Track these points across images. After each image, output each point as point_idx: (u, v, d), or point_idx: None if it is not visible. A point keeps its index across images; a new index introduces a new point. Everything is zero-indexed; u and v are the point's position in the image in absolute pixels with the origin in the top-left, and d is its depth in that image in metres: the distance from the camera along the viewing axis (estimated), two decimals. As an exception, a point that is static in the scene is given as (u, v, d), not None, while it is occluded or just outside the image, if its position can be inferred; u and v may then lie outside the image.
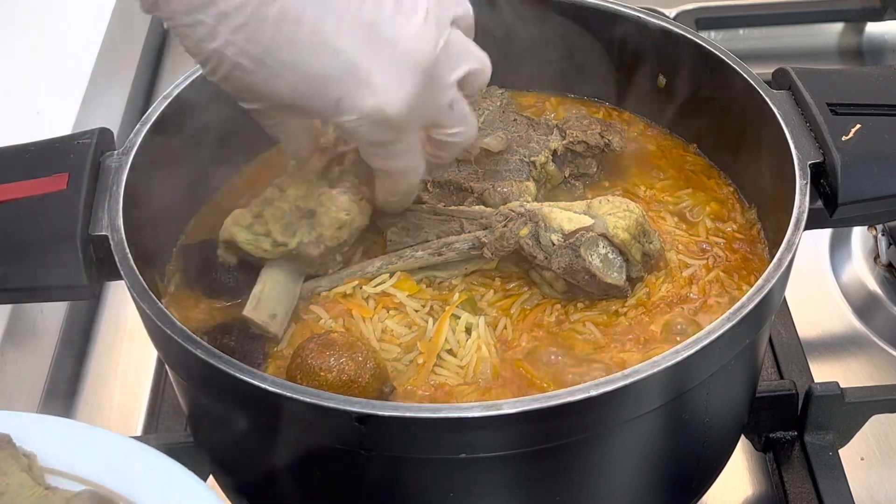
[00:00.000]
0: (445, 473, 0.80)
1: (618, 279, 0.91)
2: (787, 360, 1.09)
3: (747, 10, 1.62)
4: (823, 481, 0.98)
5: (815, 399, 1.00)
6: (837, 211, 0.91)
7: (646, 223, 0.92)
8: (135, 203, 0.90)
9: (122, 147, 0.94)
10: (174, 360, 0.85)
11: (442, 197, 1.00)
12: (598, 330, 0.91)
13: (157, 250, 0.98)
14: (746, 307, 0.79)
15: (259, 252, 0.91)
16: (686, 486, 0.95)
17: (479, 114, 1.06)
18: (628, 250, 0.91)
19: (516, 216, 0.93)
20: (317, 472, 0.84)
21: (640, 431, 0.82)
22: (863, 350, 1.18)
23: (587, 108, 1.14)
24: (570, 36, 1.11)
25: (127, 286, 0.84)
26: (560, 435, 0.77)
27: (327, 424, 0.75)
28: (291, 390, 0.75)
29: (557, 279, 0.92)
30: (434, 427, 0.74)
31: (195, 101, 0.99)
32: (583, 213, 0.92)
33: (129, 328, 1.24)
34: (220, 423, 0.89)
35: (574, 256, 0.90)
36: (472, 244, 0.93)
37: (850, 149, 0.91)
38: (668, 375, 0.76)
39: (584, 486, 0.84)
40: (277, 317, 0.91)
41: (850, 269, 1.25)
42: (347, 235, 0.93)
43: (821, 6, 1.61)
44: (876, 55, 1.63)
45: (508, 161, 1.01)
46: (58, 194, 0.89)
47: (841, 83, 0.98)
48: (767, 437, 1.03)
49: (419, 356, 0.89)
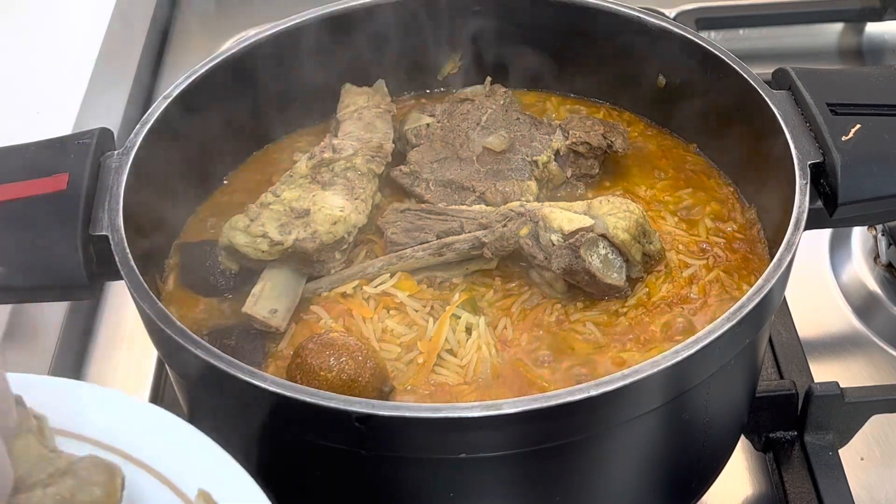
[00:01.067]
0: (445, 473, 0.80)
1: (618, 280, 0.91)
2: (787, 360, 1.09)
3: (747, 10, 1.62)
4: (823, 481, 0.98)
5: (815, 399, 1.00)
6: (837, 211, 0.91)
7: (646, 224, 0.92)
8: (135, 203, 0.90)
9: (122, 147, 0.94)
10: (174, 360, 0.85)
11: (443, 196, 1.00)
12: (598, 330, 0.91)
13: (157, 249, 0.98)
14: (746, 307, 0.79)
15: (258, 254, 0.92)
16: (686, 486, 0.95)
17: (482, 112, 1.06)
18: (628, 251, 0.91)
19: (516, 216, 0.93)
20: (317, 471, 0.84)
21: (640, 431, 0.82)
22: (863, 350, 1.18)
23: (587, 108, 1.14)
24: (571, 36, 1.11)
25: (127, 286, 0.84)
26: (560, 435, 0.77)
27: (327, 424, 0.75)
28: (291, 390, 0.75)
29: (557, 279, 0.92)
30: (434, 427, 0.74)
31: (195, 101, 1.00)
32: (583, 214, 0.91)
33: (129, 328, 1.24)
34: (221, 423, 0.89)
35: (574, 257, 0.90)
36: (472, 244, 0.93)
37: (850, 149, 0.91)
38: (668, 375, 0.76)
39: (584, 485, 0.84)
40: (279, 312, 0.91)
41: (850, 269, 1.25)
42: (344, 232, 0.93)
43: (821, 6, 1.61)
44: (876, 55, 1.63)
45: (511, 160, 1.01)
46: (58, 194, 0.89)
47: (841, 83, 0.98)
48: (767, 437, 1.03)
49: (419, 356, 0.89)
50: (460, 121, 1.06)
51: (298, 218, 0.93)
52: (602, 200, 0.93)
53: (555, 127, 1.04)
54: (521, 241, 0.92)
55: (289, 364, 0.86)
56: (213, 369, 0.77)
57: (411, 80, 1.16)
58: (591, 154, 1.03)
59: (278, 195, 0.95)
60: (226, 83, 1.03)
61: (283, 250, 0.92)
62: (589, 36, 1.10)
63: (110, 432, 0.79)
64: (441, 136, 1.05)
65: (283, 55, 1.06)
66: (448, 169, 1.01)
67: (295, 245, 0.91)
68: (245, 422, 0.82)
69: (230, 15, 1.70)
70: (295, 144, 1.11)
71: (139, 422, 0.80)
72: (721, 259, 0.97)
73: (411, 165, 1.02)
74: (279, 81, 1.07)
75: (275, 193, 0.96)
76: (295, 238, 0.91)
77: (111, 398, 0.83)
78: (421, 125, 1.06)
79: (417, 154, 1.03)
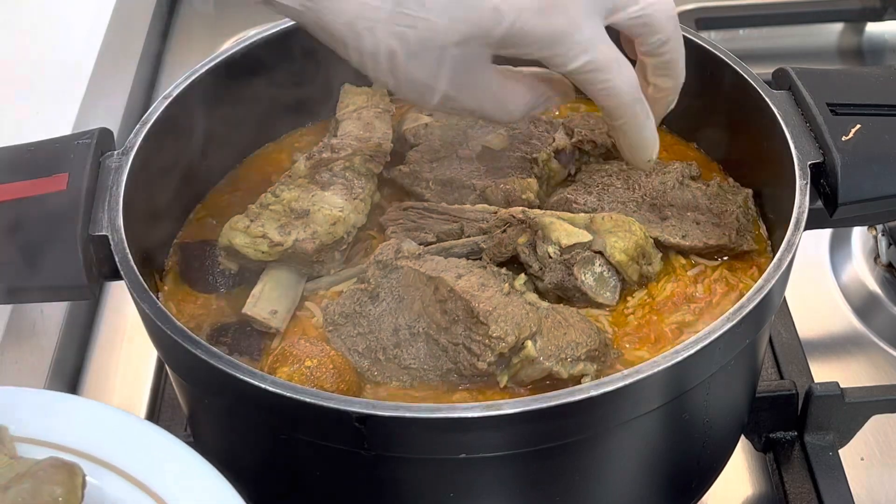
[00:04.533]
0: (445, 473, 0.80)
1: (610, 299, 0.90)
2: (787, 360, 1.09)
3: (747, 10, 1.62)
4: (823, 481, 0.98)
5: (815, 399, 1.00)
6: (837, 211, 0.91)
7: (647, 245, 0.92)
8: (135, 203, 0.90)
9: (122, 147, 0.94)
10: (174, 360, 0.85)
11: (443, 195, 1.00)
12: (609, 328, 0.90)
13: (156, 249, 0.98)
14: (746, 307, 0.79)
15: (257, 255, 0.92)
16: (686, 486, 0.95)
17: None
18: (624, 271, 0.90)
19: (516, 222, 0.93)
20: (317, 472, 0.84)
21: (640, 431, 0.82)
22: (863, 350, 1.18)
23: (587, 107, 1.13)
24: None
25: (127, 286, 0.84)
26: (560, 435, 0.77)
27: (327, 424, 0.75)
28: (291, 390, 0.75)
29: (549, 291, 0.91)
30: (434, 427, 0.74)
31: (195, 101, 1.00)
32: (583, 228, 0.91)
33: (129, 328, 1.24)
34: (220, 423, 0.89)
35: (566, 274, 0.89)
36: (470, 249, 0.93)
37: (850, 149, 0.91)
38: (668, 375, 0.76)
39: (583, 486, 0.84)
40: (279, 313, 0.91)
41: (850, 269, 1.25)
42: (344, 233, 0.93)
43: (821, 6, 1.61)
44: (876, 55, 1.62)
45: (510, 158, 1.01)
46: (58, 194, 0.89)
47: (841, 83, 0.98)
48: (767, 437, 1.03)
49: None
50: (458, 120, 1.06)
51: (298, 218, 0.93)
52: (605, 217, 0.92)
53: (556, 125, 1.04)
54: (518, 249, 0.92)
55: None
56: (213, 369, 0.77)
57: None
58: (596, 152, 1.04)
59: (278, 195, 0.96)
60: (226, 83, 1.03)
61: (283, 251, 0.92)
62: (589, 36, 1.10)
63: (73, 436, 0.80)
64: (440, 135, 1.05)
65: (283, 55, 1.05)
66: (448, 168, 1.01)
67: (295, 246, 0.91)
68: (244, 421, 0.82)
69: (230, 15, 1.69)
70: (294, 144, 1.11)
71: (104, 425, 0.81)
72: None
73: (411, 165, 1.02)
74: (279, 81, 1.07)
75: (274, 194, 0.96)
76: (295, 238, 0.92)
77: (75, 404, 0.84)
78: (419, 125, 1.06)
79: (416, 153, 1.03)
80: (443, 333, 0.85)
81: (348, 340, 0.88)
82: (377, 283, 0.89)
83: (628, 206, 0.97)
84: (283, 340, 0.90)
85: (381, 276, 0.89)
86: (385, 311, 0.88)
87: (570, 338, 0.84)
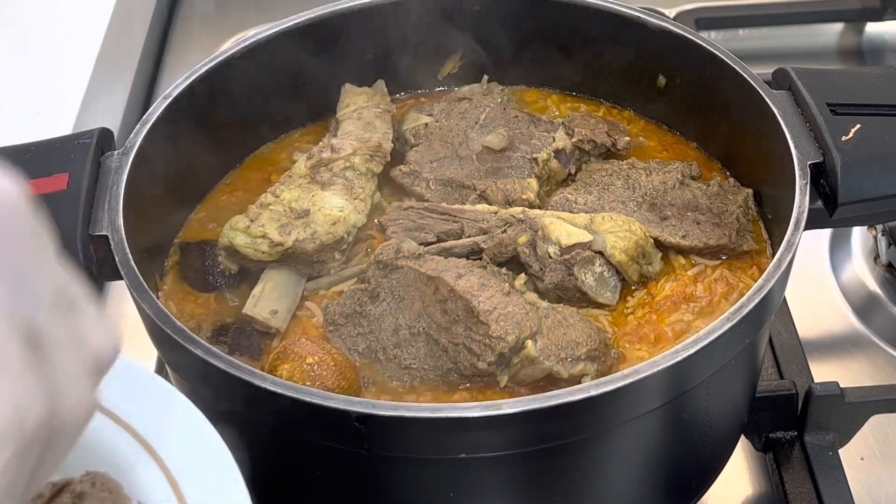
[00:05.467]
0: (445, 473, 0.80)
1: (610, 299, 0.91)
2: (787, 360, 1.09)
3: (747, 10, 1.62)
4: (823, 481, 0.98)
5: (815, 399, 1.00)
6: (837, 211, 0.91)
7: (647, 245, 0.92)
8: (135, 203, 0.90)
9: (122, 147, 0.94)
10: (174, 359, 0.85)
11: (444, 195, 1.00)
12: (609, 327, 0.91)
13: (156, 249, 0.98)
14: (746, 307, 0.79)
15: (258, 255, 0.92)
16: (686, 486, 0.95)
17: (480, 111, 1.06)
18: (625, 271, 0.90)
19: (516, 222, 0.93)
20: (317, 471, 0.84)
21: (640, 431, 0.82)
22: (863, 350, 1.18)
23: (587, 107, 1.14)
24: (572, 35, 1.11)
25: (127, 286, 0.84)
26: (560, 435, 0.77)
27: (327, 424, 0.75)
28: (291, 390, 0.75)
29: (549, 291, 0.91)
30: (434, 427, 0.74)
31: (195, 102, 1.00)
32: (584, 228, 0.91)
33: (129, 328, 1.23)
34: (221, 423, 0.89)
35: (567, 274, 0.89)
36: (470, 249, 0.93)
37: (850, 149, 0.91)
38: (668, 375, 0.76)
39: (584, 486, 0.84)
40: (279, 313, 0.91)
41: (850, 269, 1.25)
42: (344, 232, 0.93)
43: (821, 6, 1.61)
44: (876, 55, 1.62)
45: (511, 158, 1.01)
46: (58, 194, 0.89)
47: (841, 83, 0.98)
48: (767, 437, 1.03)
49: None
50: (458, 120, 1.06)
51: (298, 218, 0.93)
52: (605, 217, 0.92)
53: (556, 125, 1.05)
54: (518, 249, 0.92)
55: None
56: (213, 369, 0.77)
57: (410, 80, 1.16)
58: (596, 151, 1.04)
59: (278, 195, 0.96)
60: (225, 83, 1.03)
61: (283, 251, 0.92)
62: (589, 35, 1.10)
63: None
64: (440, 135, 1.05)
65: (283, 55, 1.06)
66: (448, 168, 1.01)
67: (295, 245, 0.91)
68: (245, 421, 0.82)
69: (230, 15, 1.70)
70: (294, 144, 1.11)
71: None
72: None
73: (411, 165, 1.02)
74: (279, 81, 1.07)
75: (274, 194, 0.96)
76: (295, 238, 0.92)
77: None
78: (419, 125, 1.06)
79: (417, 153, 1.03)
80: (443, 333, 0.85)
81: (349, 340, 0.88)
82: (377, 283, 0.89)
83: (628, 205, 0.97)
84: (283, 340, 0.90)
85: (382, 275, 0.89)
86: (385, 311, 0.88)
87: (570, 337, 0.84)
